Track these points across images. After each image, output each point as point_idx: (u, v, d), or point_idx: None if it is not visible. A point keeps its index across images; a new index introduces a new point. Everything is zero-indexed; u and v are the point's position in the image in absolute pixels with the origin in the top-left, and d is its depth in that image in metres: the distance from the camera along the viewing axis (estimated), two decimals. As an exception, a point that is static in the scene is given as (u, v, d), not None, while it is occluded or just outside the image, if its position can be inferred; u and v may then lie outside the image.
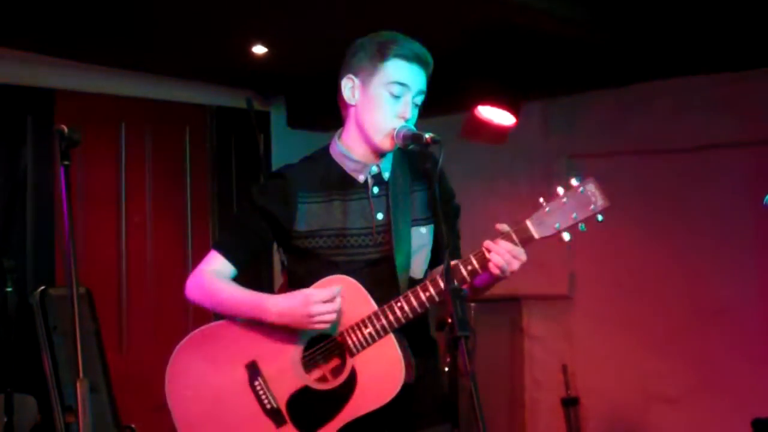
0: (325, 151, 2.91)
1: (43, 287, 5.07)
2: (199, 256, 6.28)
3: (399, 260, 2.79)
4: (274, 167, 6.24)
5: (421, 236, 2.87)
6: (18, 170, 5.39)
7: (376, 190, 2.84)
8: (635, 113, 5.72)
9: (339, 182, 2.84)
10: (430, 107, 2.90)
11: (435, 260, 2.91)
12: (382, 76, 2.77)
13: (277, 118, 6.60)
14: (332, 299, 2.67)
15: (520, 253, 2.62)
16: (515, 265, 2.62)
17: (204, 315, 6.05)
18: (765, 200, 3.08)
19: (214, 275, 2.87)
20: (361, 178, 2.85)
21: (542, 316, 6.20)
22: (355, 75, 2.80)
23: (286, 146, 6.45)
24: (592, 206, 2.65)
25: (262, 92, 6.37)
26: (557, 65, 5.69)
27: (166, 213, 6.03)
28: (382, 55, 2.77)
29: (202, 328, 2.91)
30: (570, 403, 5.91)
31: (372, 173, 2.85)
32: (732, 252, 5.46)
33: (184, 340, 2.92)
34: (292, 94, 6.55)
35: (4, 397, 4.44)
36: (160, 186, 6.00)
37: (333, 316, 2.68)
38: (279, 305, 2.72)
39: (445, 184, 2.95)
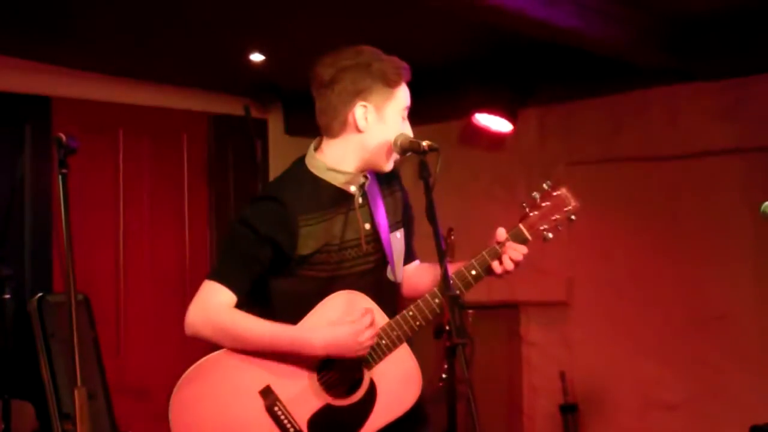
0: (303, 169, 2.85)
1: (40, 294, 5.08)
2: (196, 263, 6.35)
3: (398, 268, 2.84)
4: (272, 175, 6.25)
5: (397, 241, 2.90)
6: (15, 177, 5.39)
7: (360, 200, 2.84)
8: (631, 120, 5.73)
9: (332, 198, 2.81)
10: (428, 114, 2.92)
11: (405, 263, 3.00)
12: (396, 102, 2.79)
13: (275, 125, 6.61)
14: (372, 323, 2.72)
15: (525, 251, 2.80)
16: (522, 263, 2.80)
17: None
18: (761, 208, 3.08)
19: (226, 309, 2.76)
20: (352, 189, 2.83)
21: (540, 322, 6.20)
22: (367, 101, 2.76)
23: (283, 153, 6.45)
24: (567, 207, 2.84)
25: (260, 100, 6.37)
26: (554, 73, 5.70)
27: (163, 220, 6.03)
28: (394, 82, 2.77)
29: (200, 361, 2.80)
30: (568, 409, 5.90)
31: (360, 183, 2.84)
32: (729, 258, 5.46)
33: (184, 375, 2.80)
34: (289, 102, 6.55)
35: (2, 404, 4.44)
36: (157, 193, 6.00)
37: (376, 339, 2.73)
38: (325, 338, 2.69)
39: (404, 187, 2.99)
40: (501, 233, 2.77)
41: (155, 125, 6.02)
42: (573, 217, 2.84)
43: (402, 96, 2.80)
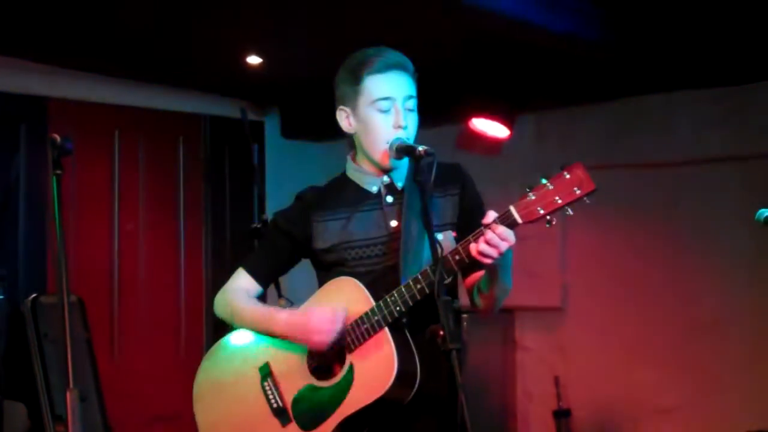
0: (342, 172, 3.03)
1: (34, 295, 5.06)
2: (191, 265, 6.35)
3: (408, 265, 2.80)
4: (268, 177, 6.26)
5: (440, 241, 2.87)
6: (10, 178, 5.38)
7: (390, 199, 2.91)
8: (627, 127, 5.74)
9: (353, 196, 2.93)
10: (425, 119, 2.92)
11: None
12: (363, 97, 2.83)
13: (272, 128, 6.60)
14: (333, 318, 2.76)
15: (509, 234, 2.60)
16: (503, 246, 2.60)
17: (197, 325, 6.07)
18: (756, 215, 3.09)
19: (238, 292, 3.03)
20: (374, 188, 2.92)
21: (534, 327, 6.20)
22: (344, 105, 2.89)
23: (280, 156, 6.45)
24: (575, 189, 2.59)
25: (257, 102, 6.37)
26: (551, 79, 5.70)
27: (159, 222, 6.02)
28: (356, 78, 2.84)
29: (223, 339, 3.11)
30: (562, 415, 5.90)
31: (384, 183, 2.91)
32: (724, 265, 5.47)
33: (209, 351, 3.12)
34: (286, 105, 6.55)
35: (-5, 405, 4.43)
36: (153, 195, 6.00)
37: (331, 336, 2.77)
38: (287, 319, 2.88)
39: (473, 191, 3.00)
40: (489, 215, 2.63)
41: (151, 127, 6.01)
42: (586, 200, 2.60)
43: (369, 88, 2.82)
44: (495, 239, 2.59)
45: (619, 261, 5.85)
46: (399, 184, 2.92)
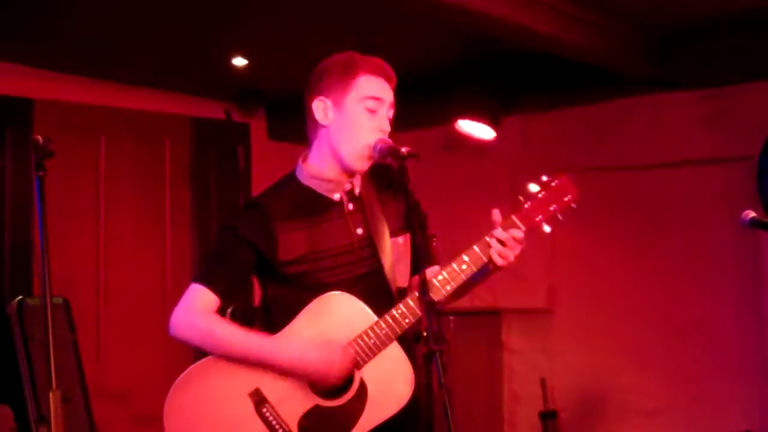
0: (292, 177, 2.91)
1: (20, 297, 5.05)
2: (177, 267, 6.32)
3: (393, 272, 2.82)
4: (255, 179, 6.25)
5: (398, 246, 2.89)
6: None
7: (351, 206, 2.85)
8: (614, 129, 5.75)
9: (314, 205, 2.84)
10: (411, 120, 2.92)
11: (415, 269, 2.90)
12: (355, 92, 2.79)
13: (258, 129, 6.60)
14: (351, 360, 2.70)
15: (522, 238, 2.70)
16: (518, 249, 2.70)
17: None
18: (741, 217, 3.11)
19: (207, 314, 2.80)
20: (336, 196, 2.85)
21: (521, 329, 6.21)
22: (326, 96, 2.82)
23: (266, 158, 6.44)
24: (566, 196, 2.77)
25: (243, 104, 6.37)
26: (538, 81, 5.71)
27: (144, 223, 6.02)
28: (352, 72, 2.80)
29: (189, 368, 2.81)
30: (548, 416, 5.91)
31: (346, 190, 2.86)
32: (709, 267, 5.49)
33: (175, 383, 2.80)
34: (272, 106, 6.55)
35: (-20, 407, 4.42)
36: (139, 196, 5.99)
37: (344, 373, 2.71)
38: (292, 355, 2.70)
39: (410, 194, 2.93)
40: (496, 215, 2.72)
41: (137, 128, 6.01)
42: (574, 205, 2.76)
43: (363, 86, 2.79)
44: (512, 242, 2.69)
45: (606, 263, 5.86)
46: (357, 191, 2.87)
